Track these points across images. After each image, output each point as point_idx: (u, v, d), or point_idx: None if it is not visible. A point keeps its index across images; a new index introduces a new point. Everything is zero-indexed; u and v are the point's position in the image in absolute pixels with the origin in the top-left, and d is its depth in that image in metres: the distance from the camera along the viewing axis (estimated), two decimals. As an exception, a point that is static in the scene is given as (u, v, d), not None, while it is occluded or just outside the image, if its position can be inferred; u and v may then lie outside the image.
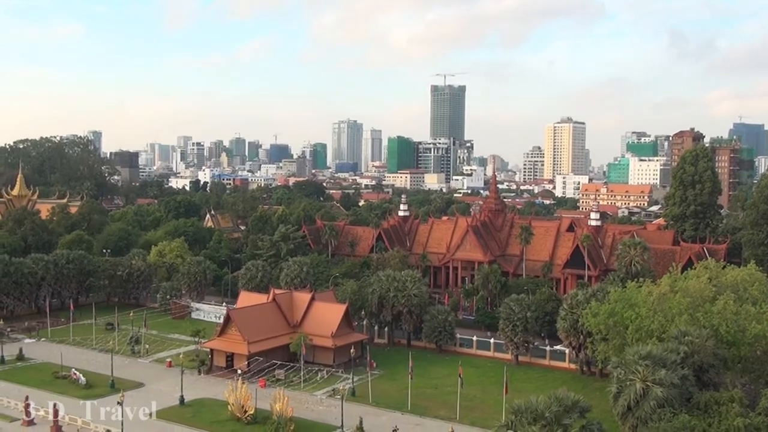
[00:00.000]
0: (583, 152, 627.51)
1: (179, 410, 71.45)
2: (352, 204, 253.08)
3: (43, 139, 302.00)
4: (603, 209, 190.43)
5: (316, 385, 79.90)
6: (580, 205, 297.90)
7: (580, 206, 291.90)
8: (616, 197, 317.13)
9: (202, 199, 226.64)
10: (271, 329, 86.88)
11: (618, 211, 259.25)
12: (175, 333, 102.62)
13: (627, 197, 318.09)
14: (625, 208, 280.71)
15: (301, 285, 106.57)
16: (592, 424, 49.76)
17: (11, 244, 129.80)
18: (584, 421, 49.54)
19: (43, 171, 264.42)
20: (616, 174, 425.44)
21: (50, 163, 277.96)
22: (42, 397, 72.48)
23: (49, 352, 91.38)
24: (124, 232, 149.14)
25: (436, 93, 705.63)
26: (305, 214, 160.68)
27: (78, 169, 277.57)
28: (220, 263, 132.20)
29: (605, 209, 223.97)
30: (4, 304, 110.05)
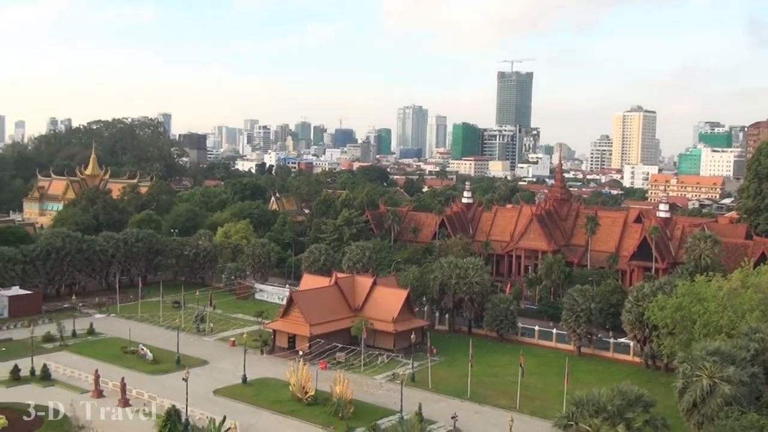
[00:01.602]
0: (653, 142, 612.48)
1: (242, 389, 72.73)
2: (415, 190, 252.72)
3: (115, 121, 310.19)
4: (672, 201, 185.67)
5: (376, 369, 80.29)
6: (648, 196, 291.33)
7: (649, 197, 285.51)
8: (686, 189, 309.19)
9: (268, 182, 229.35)
10: (333, 312, 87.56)
11: (688, 203, 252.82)
12: (239, 313, 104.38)
13: (698, 189, 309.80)
14: (696, 200, 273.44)
15: (363, 269, 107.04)
16: (655, 419, 48.80)
17: (84, 222, 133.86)
18: (648, 415, 48.62)
19: (114, 152, 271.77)
20: (688, 165, 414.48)
21: (122, 144, 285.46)
22: (111, 370, 74.76)
23: (118, 327, 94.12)
24: (192, 213, 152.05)
25: (502, 79, 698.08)
26: (369, 199, 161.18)
27: (148, 150, 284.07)
28: (284, 245, 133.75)
29: (675, 201, 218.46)
30: (76, 280, 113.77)
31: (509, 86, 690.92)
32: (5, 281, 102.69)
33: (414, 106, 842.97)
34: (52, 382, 73.04)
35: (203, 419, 60.66)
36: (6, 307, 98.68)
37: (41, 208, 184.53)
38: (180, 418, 59.18)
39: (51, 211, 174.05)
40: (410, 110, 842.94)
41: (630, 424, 47.50)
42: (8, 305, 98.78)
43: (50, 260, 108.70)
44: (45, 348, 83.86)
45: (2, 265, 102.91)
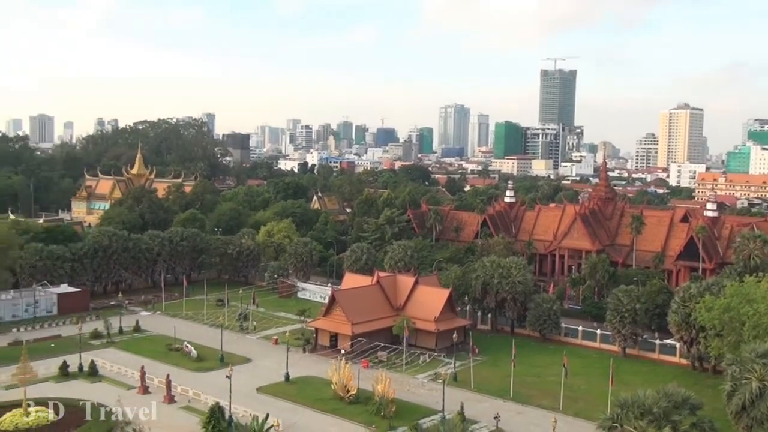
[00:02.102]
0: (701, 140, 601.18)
1: (284, 386, 73.20)
2: (457, 189, 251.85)
3: (161, 121, 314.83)
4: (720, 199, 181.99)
5: (418, 368, 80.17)
6: (695, 195, 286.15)
7: (696, 196, 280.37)
8: (735, 187, 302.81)
9: (310, 181, 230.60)
10: (375, 311, 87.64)
11: (737, 202, 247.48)
12: (282, 311, 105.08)
13: (747, 187, 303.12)
14: (745, 199, 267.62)
15: (405, 268, 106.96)
16: (703, 421, 47.81)
17: (130, 220, 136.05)
18: (695, 418, 47.65)
19: (160, 151, 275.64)
20: (736, 163, 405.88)
21: (167, 144, 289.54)
22: (156, 367, 75.83)
23: (163, 324, 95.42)
24: (235, 212, 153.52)
25: (545, 77, 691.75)
26: (410, 198, 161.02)
27: (192, 150, 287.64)
28: (326, 244, 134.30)
29: (723, 200, 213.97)
30: (122, 277, 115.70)
31: (552, 84, 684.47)
32: (54, 279, 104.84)
33: (456, 104, 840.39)
34: (99, 378, 74.38)
35: (246, 416, 61.15)
36: (55, 304, 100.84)
37: (89, 207, 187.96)
38: (223, 415, 59.88)
39: (98, 210, 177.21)
40: (452, 109, 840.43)
41: (676, 427, 46.60)
42: (57, 302, 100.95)
43: (97, 258, 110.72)
44: (92, 344, 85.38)
45: (51, 263, 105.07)
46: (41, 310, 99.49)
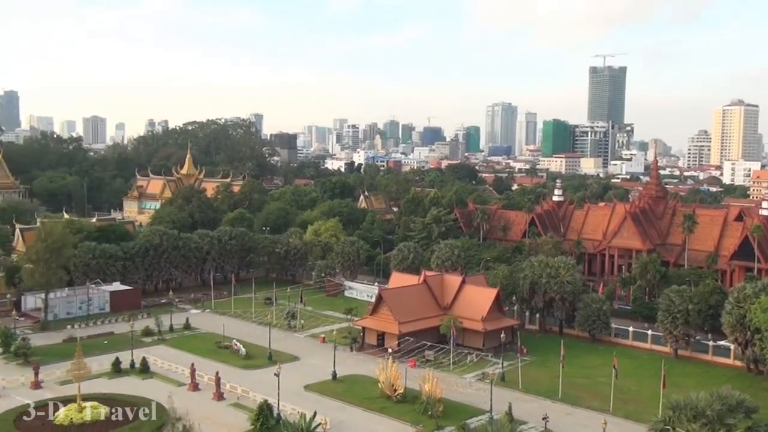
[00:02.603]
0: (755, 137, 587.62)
1: (331, 385, 73.49)
2: (504, 188, 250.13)
3: (210, 122, 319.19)
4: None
5: (466, 367, 79.78)
6: (750, 194, 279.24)
7: (751, 194, 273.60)
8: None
9: (357, 181, 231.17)
10: (422, 310, 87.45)
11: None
12: (329, 310, 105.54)
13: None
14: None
15: (452, 268, 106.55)
16: (759, 425, 46.76)
17: (180, 220, 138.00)
18: (750, 421, 46.63)
19: (209, 152, 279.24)
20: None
21: (216, 144, 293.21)
22: (206, 364, 76.75)
23: (212, 322, 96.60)
24: (283, 211, 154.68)
25: (594, 75, 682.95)
26: (457, 197, 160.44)
27: (241, 150, 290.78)
28: (372, 243, 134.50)
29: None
30: (173, 276, 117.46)
31: (601, 81, 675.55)
32: (107, 277, 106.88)
33: (503, 103, 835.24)
34: (150, 374, 75.61)
35: (294, 414, 61.58)
36: (108, 302, 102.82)
37: (140, 207, 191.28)
38: (272, 412, 60.47)
39: (149, 209, 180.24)
40: (499, 107, 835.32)
41: (731, 431, 45.59)
42: (110, 300, 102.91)
43: (148, 257, 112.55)
44: (144, 342, 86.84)
45: (104, 262, 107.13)
46: (94, 307, 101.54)
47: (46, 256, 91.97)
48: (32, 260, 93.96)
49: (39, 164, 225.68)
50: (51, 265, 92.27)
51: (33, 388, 69.83)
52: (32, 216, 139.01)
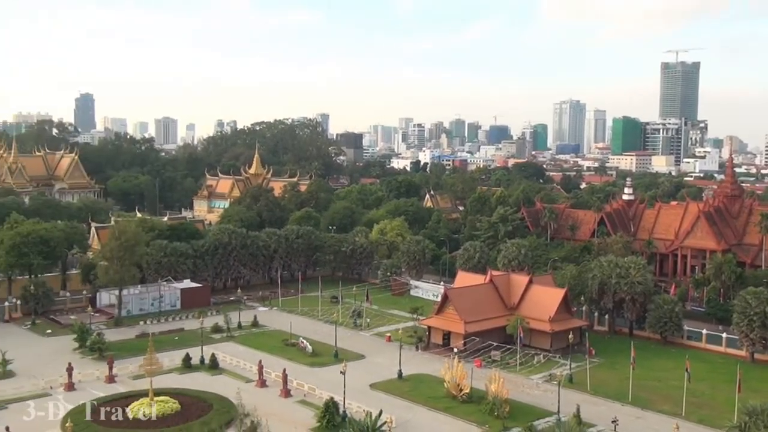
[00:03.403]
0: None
1: (397, 383, 73.52)
2: (573, 186, 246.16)
3: (277, 122, 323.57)
4: None
5: (532, 368, 78.83)
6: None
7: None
8: None
9: (422, 180, 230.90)
10: (488, 310, 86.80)
11: None
12: (395, 309, 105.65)
13: None
14: None
15: (519, 267, 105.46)
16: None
17: (248, 218, 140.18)
18: (833, 429, 44.73)
19: (276, 151, 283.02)
20: None
21: (283, 144, 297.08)
22: (273, 361, 77.70)
23: (279, 320, 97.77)
24: (349, 210, 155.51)
25: (666, 70, 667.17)
26: (524, 196, 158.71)
27: (307, 149, 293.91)
28: (438, 243, 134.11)
29: None
30: (241, 274, 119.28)
31: (674, 77, 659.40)
32: (178, 274, 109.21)
33: (571, 100, 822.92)
34: (219, 370, 76.94)
35: (360, 412, 61.82)
36: (178, 298, 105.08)
37: (209, 206, 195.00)
38: (338, 409, 60.85)
39: (218, 208, 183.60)
40: (567, 105, 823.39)
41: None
42: (180, 297, 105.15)
43: (218, 255, 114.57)
44: (213, 338, 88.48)
45: (175, 260, 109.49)
46: (166, 304, 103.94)
47: (120, 254, 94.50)
48: (107, 258, 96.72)
49: (113, 164, 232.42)
50: (124, 263, 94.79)
51: (107, 382, 71.86)
52: (107, 215, 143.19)
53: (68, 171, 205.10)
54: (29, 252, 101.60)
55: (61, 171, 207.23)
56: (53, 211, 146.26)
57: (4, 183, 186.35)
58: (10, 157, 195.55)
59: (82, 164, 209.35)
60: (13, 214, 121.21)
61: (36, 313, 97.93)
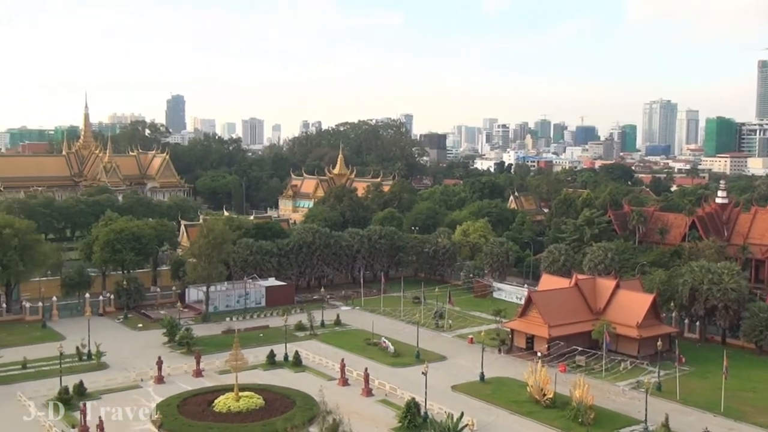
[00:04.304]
0: None
1: (479, 386, 72.88)
2: (663, 189, 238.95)
3: (361, 122, 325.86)
4: None
5: (619, 375, 76.88)
6: None
7: None
8: None
9: (506, 181, 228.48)
10: (573, 314, 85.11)
11: None
12: (477, 311, 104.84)
13: None
14: None
15: (605, 271, 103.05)
16: None
17: (332, 218, 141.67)
18: None
19: (360, 152, 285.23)
20: None
21: (366, 145, 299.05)
22: (355, 360, 78.22)
23: (362, 319, 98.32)
24: (431, 211, 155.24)
25: (764, 69, 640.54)
26: (611, 199, 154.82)
27: (391, 150, 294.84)
28: (522, 245, 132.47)
29: None
30: (324, 273, 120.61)
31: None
32: (263, 272, 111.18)
33: (662, 100, 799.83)
34: (302, 368, 77.91)
35: (441, 413, 61.57)
36: (263, 296, 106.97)
37: (294, 205, 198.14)
38: (419, 410, 60.77)
39: (302, 208, 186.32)
40: (657, 105, 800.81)
41: None
42: (265, 295, 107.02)
43: (302, 254, 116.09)
44: (297, 336, 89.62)
45: (261, 258, 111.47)
46: (251, 301, 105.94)
47: (208, 252, 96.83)
48: (195, 255, 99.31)
49: (202, 164, 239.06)
50: (212, 260, 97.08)
51: (195, 376, 73.71)
52: (196, 213, 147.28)
53: (159, 170, 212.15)
54: (122, 248, 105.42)
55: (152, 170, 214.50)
56: (145, 209, 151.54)
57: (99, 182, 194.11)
58: (105, 156, 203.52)
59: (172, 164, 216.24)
60: (107, 211, 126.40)
61: (128, 307, 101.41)
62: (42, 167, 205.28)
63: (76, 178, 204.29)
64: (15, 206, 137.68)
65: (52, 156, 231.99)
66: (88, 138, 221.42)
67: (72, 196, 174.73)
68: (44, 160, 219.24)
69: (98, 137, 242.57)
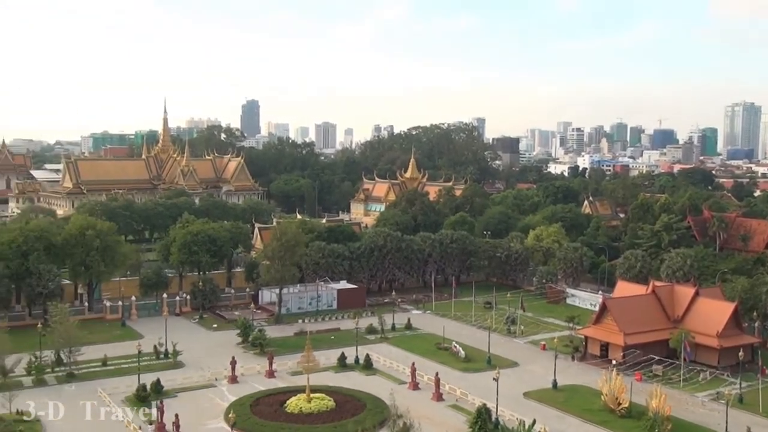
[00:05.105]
0: None
1: (551, 393, 71.71)
2: (745, 194, 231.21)
3: (433, 126, 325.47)
4: None
5: (698, 386, 74.58)
6: None
7: None
8: None
9: (581, 185, 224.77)
10: (649, 322, 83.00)
11: None
12: (550, 317, 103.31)
13: None
14: None
15: (684, 278, 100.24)
16: None
17: (403, 222, 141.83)
18: None
19: (431, 156, 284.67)
20: None
21: (438, 149, 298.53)
22: (425, 364, 78.01)
23: (432, 323, 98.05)
24: (504, 216, 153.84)
25: None
26: (690, 204, 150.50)
27: (463, 154, 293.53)
28: (597, 250, 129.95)
29: None
30: (395, 276, 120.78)
31: None
32: (335, 275, 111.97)
33: (744, 102, 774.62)
34: (373, 371, 78.09)
35: (512, 420, 60.80)
36: (335, 299, 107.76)
37: (365, 209, 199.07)
38: (490, 416, 60.07)
39: (374, 211, 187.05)
40: (740, 107, 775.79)
41: None
42: (337, 297, 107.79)
43: (373, 257, 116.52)
44: (367, 339, 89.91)
45: (332, 261, 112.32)
46: (323, 304, 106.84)
47: (281, 254, 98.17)
48: (269, 257, 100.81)
49: (276, 168, 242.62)
50: (285, 263, 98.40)
51: (267, 377, 74.71)
52: (269, 216, 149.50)
53: (235, 174, 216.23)
54: (198, 250, 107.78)
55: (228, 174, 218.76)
56: (220, 211, 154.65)
57: (177, 185, 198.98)
58: (182, 160, 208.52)
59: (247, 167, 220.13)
60: (184, 214, 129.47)
61: (203, 308, 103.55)
62: (123, 171, 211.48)
63: (154, 181, 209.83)
64: (97, 208, 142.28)
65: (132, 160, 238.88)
66: (167, 142, 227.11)
67: (151, 198, 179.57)
68: (125, 164, 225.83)
69: (176, 141, 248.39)
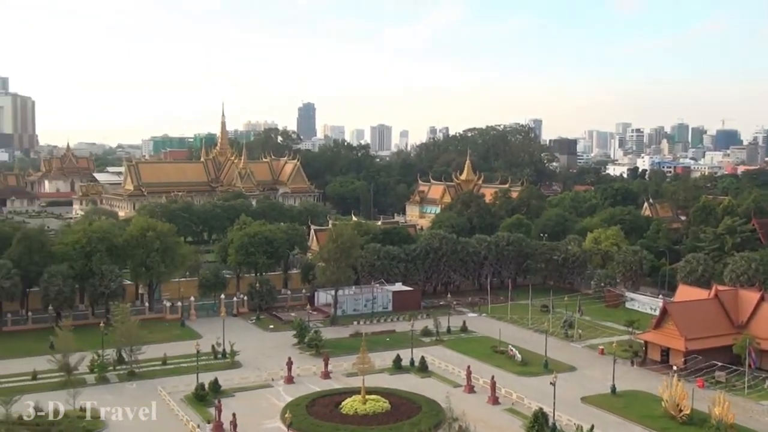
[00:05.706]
0: None
1: (610, 399, 70.44)
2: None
3: (489, 128, 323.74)
4: None
5: (763, 393, 72.37)
6: None
7: None
8: None
9: (640, 187, 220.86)
10: (712, 327, 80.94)
11: None
12: (609, 321, 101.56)
13: None
14: None
15: (748, 283, 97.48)
16: None
17: (459, 224, 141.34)
18: None
19: (487, 157, 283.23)
20: None
21: (494, 150, 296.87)
22: (481, 368, 77.48)
23: (488, 326, 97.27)
24: (561, 218, 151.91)
25: None
26: (756, 206, 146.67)
27: (519, 155, 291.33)
28: (657, 254, 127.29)
29: None
30: (451, 279, 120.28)
31: None
32: (390, 277, 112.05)
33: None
34: (428, 373, 77.83)
35: (570, 425, 60.08)
36: (390, 301, 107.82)
37: (421, 211, 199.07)
38: (547, 421, 59.33)
39: (429, 213, 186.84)
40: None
41: None
42: (392, 299, 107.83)
43: (428, 260, 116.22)
44: (422, 341, 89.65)
45: (388, 263, 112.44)
46: (378, 305, 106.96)
47: (337, 256, 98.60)
48: (324, 259, 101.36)
49: (331, 170, 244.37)
50: (341, 264, 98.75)
51: (323, 378, 75.09)
52: (325, 218, 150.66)
53: (291, 176, 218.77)
54: (255, 251, 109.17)
55: (284, 176, 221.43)
56: (277, 213, 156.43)
57: (234, 187, 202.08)
58: (240, 163, 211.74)
59: (303, 170, 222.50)
60: (242, 216, 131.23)
61: (260, 308, 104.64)
62: (182, 173, 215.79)
63: (213, 183, 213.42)
64: (157, 210, 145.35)
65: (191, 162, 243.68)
66: (225, 145, 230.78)
67: (209, 200, 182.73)
68: (184, 167, 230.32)
69: (234, 144, 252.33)
